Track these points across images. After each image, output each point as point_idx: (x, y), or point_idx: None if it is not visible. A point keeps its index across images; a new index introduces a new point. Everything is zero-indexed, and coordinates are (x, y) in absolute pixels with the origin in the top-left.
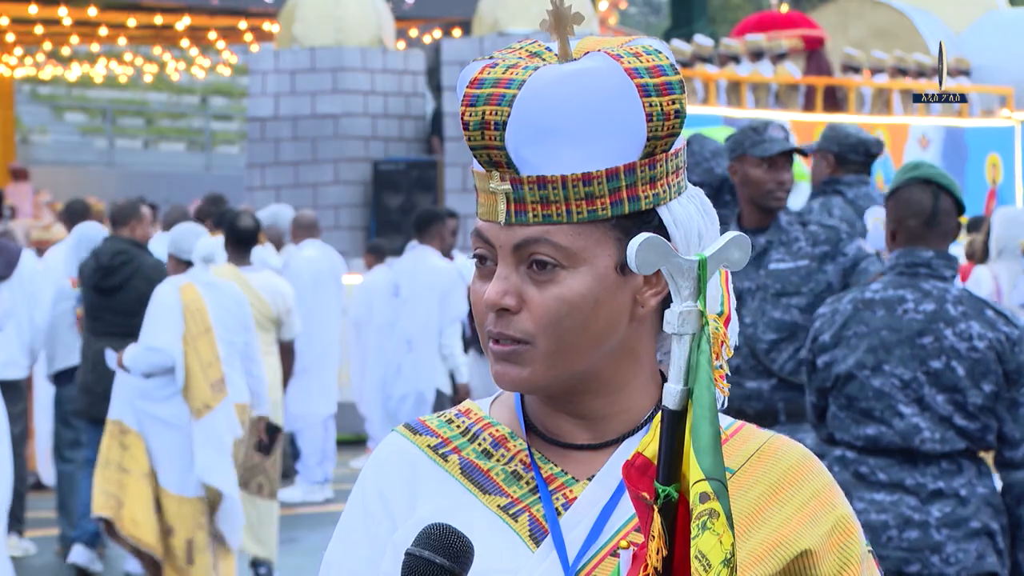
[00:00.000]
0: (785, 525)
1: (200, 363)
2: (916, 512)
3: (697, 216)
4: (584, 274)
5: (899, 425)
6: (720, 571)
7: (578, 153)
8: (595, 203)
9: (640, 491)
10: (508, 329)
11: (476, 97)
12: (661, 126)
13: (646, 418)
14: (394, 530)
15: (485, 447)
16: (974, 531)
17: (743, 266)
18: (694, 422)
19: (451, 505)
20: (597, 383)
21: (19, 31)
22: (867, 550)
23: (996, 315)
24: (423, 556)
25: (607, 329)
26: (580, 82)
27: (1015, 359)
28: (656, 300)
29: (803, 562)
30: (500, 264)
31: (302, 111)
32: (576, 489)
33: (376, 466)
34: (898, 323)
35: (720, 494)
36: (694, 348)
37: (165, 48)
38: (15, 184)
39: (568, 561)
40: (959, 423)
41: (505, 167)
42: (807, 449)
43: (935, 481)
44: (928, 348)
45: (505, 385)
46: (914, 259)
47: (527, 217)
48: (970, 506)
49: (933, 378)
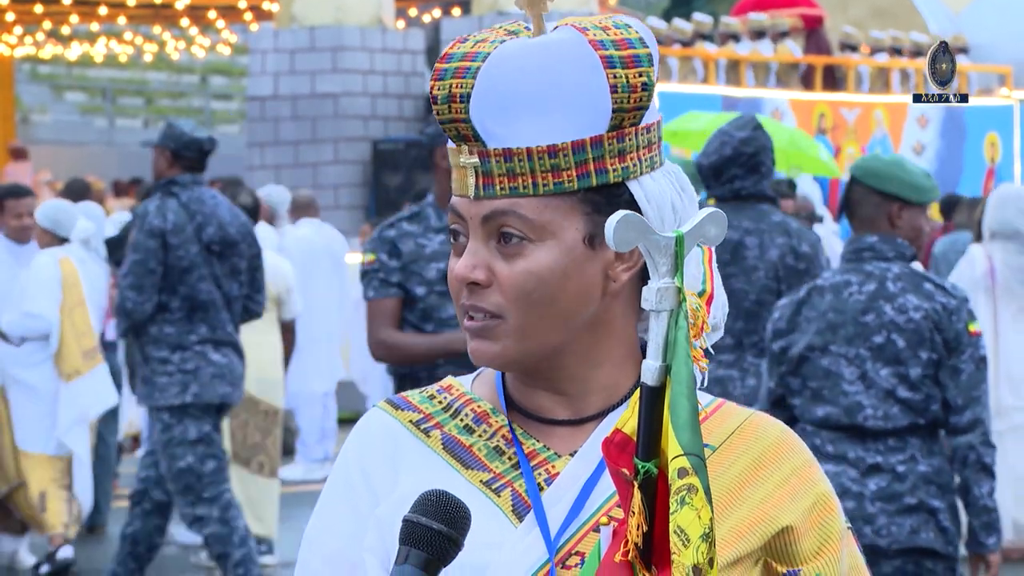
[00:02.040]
0: (766, 501)
1: (75, 332)
2: (854, 484)
3: (671, 192)
4: (552, 247)
5: (844, 403)
6: (699, 546)
7: (543, 125)
8: (561, 175)
9: (620, 467)
10: (480, 302)
11: (444, 71)
12: (627, 98)
13: (627, 394)
14: (376, 505)
15: (467, 423)
16: (909, 507)
17: (720, 242)
18: (672, 398)
19: (433, 480)
20: (573, 358)
21: (19, 10)
22: (846, 527)
23: (935, 287)
24: (420, 522)
25: (577, 303)
26: (543, 54)
27: (953, 327)
28: (628, 275)
29: (784, 538)
30: (471, 238)
31: (301, 90)
32: (558, 464)
33: (358, 442)
34: (843, 305)
35: (698, 469)
36: (672, 325)
37: (165, 27)
38: (15, 163)
39: (551, 536)
40: (902, 395)
41: (472, 140)
42: (787, 427)
43: (875, 456)
44: (870, 325)
45: (481, 361)
46: (860, 244)
47: (495, 190)
48: (907, 482)
49: (876, 353)
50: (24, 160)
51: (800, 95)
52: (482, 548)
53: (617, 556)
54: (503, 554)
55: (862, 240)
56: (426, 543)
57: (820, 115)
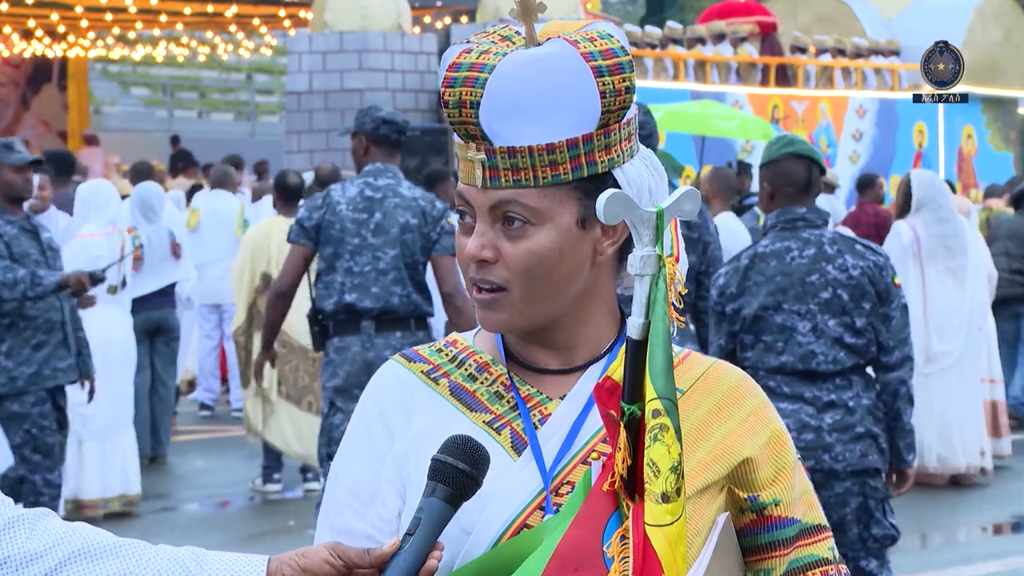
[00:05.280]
0: (728, 437)
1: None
2: (812, 419)
3: (647, 175)
4: (550, 230)
5: (799, 352)
6: (668, 477)
7: (542, 127)
8: (558, 169)
9: (608, 409)
10: (488, 276)
11: (454, 79)
12: (613, 101)
13: (608, 347)
14: (393, 444)
15: (470, 371)
16: (859, 435)
17: (695, 216)
18: (650, 349)
19: (443, 421)
20: (566, 319)
21: (91, 17)
22: (796, 458)
23: (864, 248)
24: (447, 461)
25: (571, 276)
26: (542, 66)
27: (883, 280)
28: (613, 249)
29: (744, 468)
30: (479, 222)
31: (332, 86)
32: (550, 407)
33: (376, 390)
34: (788, 268)
35: (670, 411)
36: (653, 286)
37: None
38: (88, 148)
39: (545, 468)
40: (848, 341)
41: (480, 139)
42: (744, 372)
43: (829, 394)
44: (816, 283)
45: (489, 328)
46: (791, 216)
47: (500, 182)
48: (856, 415)
49: (824, 307)
50: (96, 146)
51: (756, 90)
52: (486, 479)
53: (605, 486)
54: (503, 484)
55: (793, 211)
56: (451, 480)
57: (773, 107)
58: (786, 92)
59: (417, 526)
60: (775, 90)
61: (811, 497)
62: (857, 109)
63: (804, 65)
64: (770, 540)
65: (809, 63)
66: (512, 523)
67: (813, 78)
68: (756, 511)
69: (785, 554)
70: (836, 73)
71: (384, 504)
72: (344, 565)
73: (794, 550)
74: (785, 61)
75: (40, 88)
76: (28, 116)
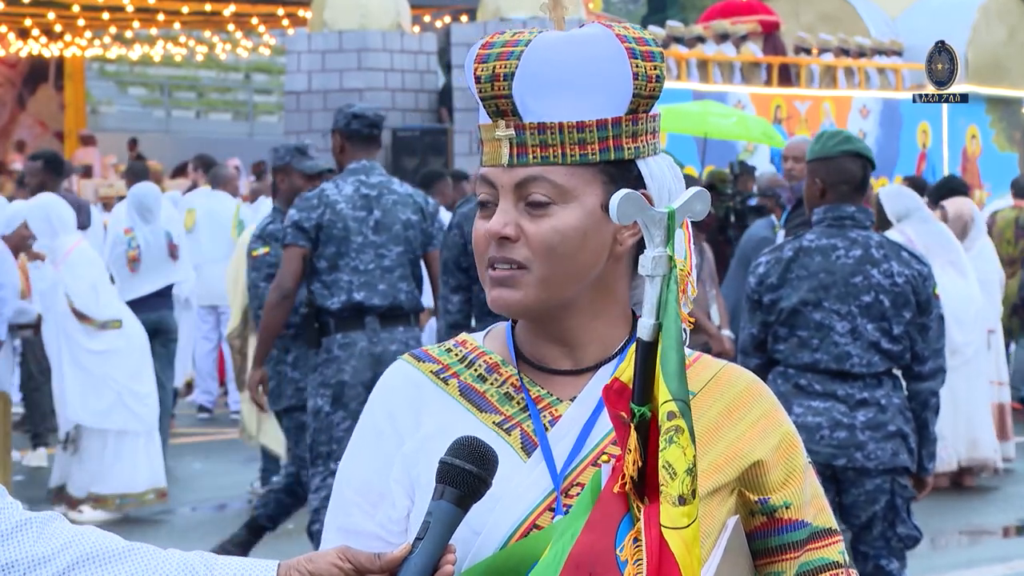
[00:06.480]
0: (739, 440)
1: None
2: (845, 416)
3: (669, 175)
4: (575, 209)
5: (834, 351)
6: (684, 479)
7: (574, 104)
8: (587, 148)
9: (618, 411)
10: (509, 254)
11: (487, 55)
12: (644, 86)
13: (618, 349)
14: (401, 444)
15: (480, 372)
16: (891, 433)
17: (704, 216)
18: (663, 351)
19: (452, 421)
20: (578, 311)
21: (88, 17)
22: (807, 461)
23: (910, 256)
24: (455, 464)
25: (591, 260)
26: (578, 43)
27: (926, 291)
28: (632, 240)
29: (755, 471)
30: (502, 201)
31: (331, 86)
32: (560, 408)
33: (384, 390)
34: (833, 267)
35: (684, 413)
36: (664, 287)
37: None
38: (84, 148)
39: (556, 470)
40: (885, 346)
41: (510, 115)
42: (755, 375)
43: (861, 392)
44: (859, 286)
45: (500, 308)
46: (841, 214)
47: (528, 158)
48: (888, 413)
49: (864, 310)
50: (92, 145)
51: (759, 90)
52: (496, 480)
53: (615, 488)
54: (513, 485)
55: (843, 210)
56: (460, 482)
57: (776, 107)
58: (789, 92)
59: (427, 530)
60: (778, 90)
61: (821, 500)
62: (861, 109)
63: (807, 65)
64: (780, 543)
65: (812, 63)
66: (522, 524)
67: (816, 78)
68: (767, 514)
69: (795, 557)
70: (839, 73)
71: (393, 504)
72: (354, 569)
73: (804, 553)
74: (788, 61)
75: (37, 88)
76: (24, 116)
